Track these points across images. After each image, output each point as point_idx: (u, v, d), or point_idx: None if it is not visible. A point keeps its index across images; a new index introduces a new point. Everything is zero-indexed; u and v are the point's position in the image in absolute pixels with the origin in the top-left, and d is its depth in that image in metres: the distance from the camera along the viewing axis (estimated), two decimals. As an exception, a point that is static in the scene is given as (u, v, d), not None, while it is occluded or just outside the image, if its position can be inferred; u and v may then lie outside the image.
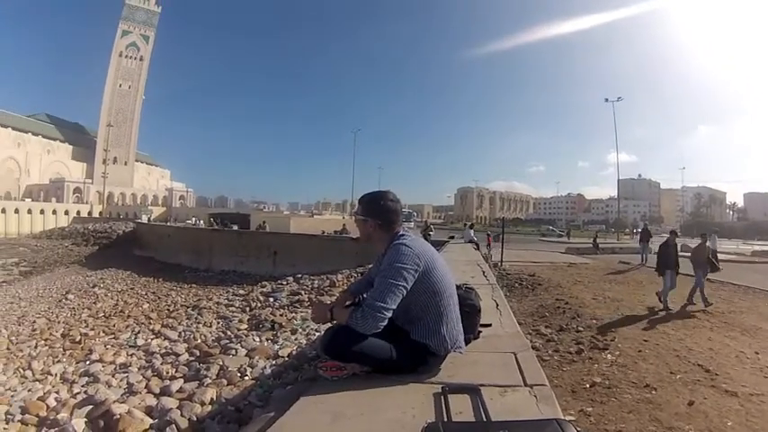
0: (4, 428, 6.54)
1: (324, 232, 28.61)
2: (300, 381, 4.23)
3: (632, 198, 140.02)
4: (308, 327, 9.25)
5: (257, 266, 23.67)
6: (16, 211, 68.08)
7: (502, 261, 16.84)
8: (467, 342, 2.72)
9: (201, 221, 46.90)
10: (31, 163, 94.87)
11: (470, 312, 2.93)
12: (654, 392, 4.59)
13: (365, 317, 2.32)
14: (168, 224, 45.87)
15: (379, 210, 2.66)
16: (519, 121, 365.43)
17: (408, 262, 2.39)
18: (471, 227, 24.11)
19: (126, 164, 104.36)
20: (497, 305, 4.76)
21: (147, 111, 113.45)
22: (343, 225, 34.20)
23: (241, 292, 16.88)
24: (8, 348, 12.06)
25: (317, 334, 8.25)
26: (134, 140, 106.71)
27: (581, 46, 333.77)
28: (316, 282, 16.13)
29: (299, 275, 17.80)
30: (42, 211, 69.72)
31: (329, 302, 3.08)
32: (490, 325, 3.52)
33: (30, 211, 68.83)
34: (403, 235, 2.62)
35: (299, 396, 2.40)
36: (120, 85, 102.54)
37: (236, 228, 34.37)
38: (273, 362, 7.04)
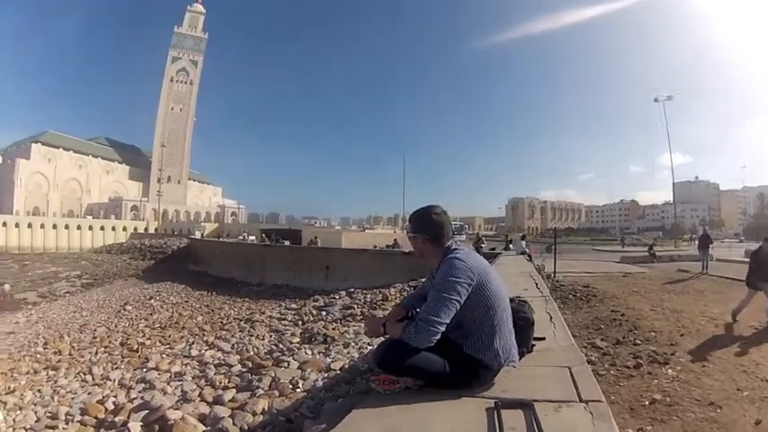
0: (64, 428, 6.84)
1: (375, 246, 28.69)
2: (353, 394, 4.22)
3: (689, 202, 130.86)
4: (360, 340, 9.25)
5: (310, 281, 23.92)
6: (78, 227, 73.48)
7: (555, 272, 16.38)
8: (520, 356, 2.71)
9: (253, 237, 48.07)
10: (92, 183, 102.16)
11: (524, 326, 2.93)
12: (719, 411, 4.26)
13: (418, 331, 2.33)
14: (221, 240, 47.25)
15: (426, 224, 2.68)
16: (565, 126, 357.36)
17: (462, 276, 2.39)
18: (523, 238, 23.64)
19: (179, 182, 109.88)
20: (551, 318, 4.70)
21: (199, 131, 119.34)
22: (395, 239, 33.92)
23: (294, 305, 17.04)
24: (70, 354, 12.77)
25: (370, 348, 8.21)
26: (186, 160, 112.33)
27: (626, 43, 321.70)
28: (368, 296, 16.13)
29: (352, 290, 17.84)
30: (102, 228, 74.36)
31: (382, 316, 3.17)
32: (544, 338, 3.48)
33: (91, 228, 73.90)
34: (456, 249, 2.62)
35: (351, 409, 2.44)
36: (172, 108, 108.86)
37: (288, 243, 35.03)
38: (325, 375, 7.05)
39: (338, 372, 7.04)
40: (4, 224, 68.94)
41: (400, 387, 2.47)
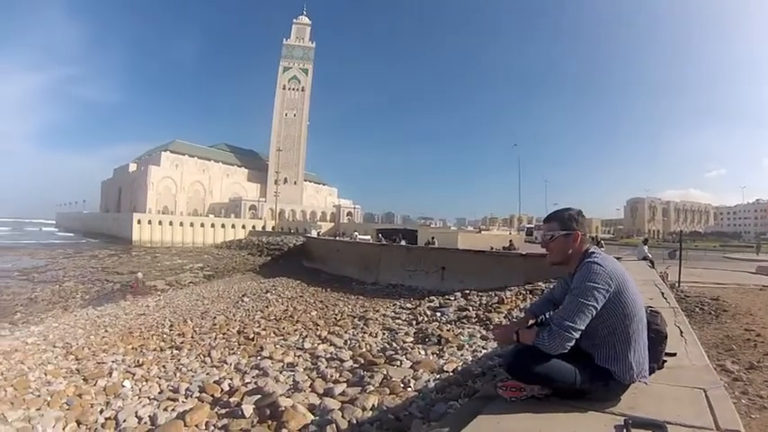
0: (183, 402, 7.31)
1: (492, 248, 28.19)
2: (476, 398, 4.05)
3: None
4: (474, 343, 9.00)
5: (425, 281, 23.94)
6: (202, 225, 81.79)
7: (679, 281, 14.90)
8: (650, 372, 2.61)
9: (368, 236, 49.20)
10: (214, 185, 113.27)
11: (655, 339, 2.79)
12: None
13: (552, 336, 2.35)
14: (337, 239, 48.84)
15: (581, 222, 2.70)
16: (689, 119, 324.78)
17: (600, 281, 2.36)
18: (645, 242, 22.71)
19: (295, 183, 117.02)
20: (681, 332, 4.48)
21: (314, 134, 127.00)
22: (510, 241, 33.59)
23: (408, 305, 17.07)
24: (192, 337, 13.75)
25: (484, 351, 8.00)
26: (302, 162, 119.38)
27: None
28: (484, 298, 15.74)
29: (467, 291, 17.55)
30: (223, 225, 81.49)
31: (515, 322, 3.24)
32: (675, 354, 3.32)
33: (213, 225, 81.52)
34: (594, 252, 2.59)
35: (476, 413, 2.45)
36: (286, 114, 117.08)
37: (404, 243, 35.35)
38: (438, 376, 6.91)
39: (450, 374, 6.89)
40: (139, 221, 79.12)
41: (526, 395, 2.46)
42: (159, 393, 8.15)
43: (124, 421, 6.76)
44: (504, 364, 2.75)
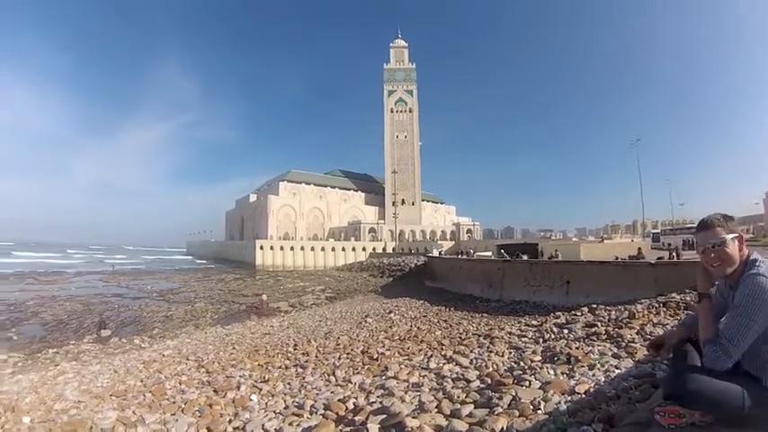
0: (308, 418, 7.48)
1: (617, 258, 26.92)
2: (628, 425, 3.78)
3: None
4: (606, 362, 8.45)
5: (549, 296, 23.26)
6: (322, 249, 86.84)
7: None
8: None
9: (489, 252, 48.52)
10: (332, 210, 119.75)
11: None
12: None
13: (711, 356, 2.24)
14: (458, 257, 48.60)
15: (734, 223, 2.53)
16: None
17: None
18: None
19: (413, 204, 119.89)
20: None
21: (427, 153, 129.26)
22: (639, 249, 32.08)
23: (533, 322, 16.46)
24: (316, 356, 14.16)
25: (617, 371, 7.49)
26: (417, 182, 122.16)
27: None
28: (612, 313, 14.71)
29: (594, 306, 16.58)
30: (343, 249, 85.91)
31: (669, 334, 2.98)
32: None
33: (333, 249, 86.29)
34: (756, 261, 2.39)
35: None
36: (397, 137, 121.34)
37: (525, 257, 34.46)
38: (569, 398, 6.53)
39: (582, 395, 6.49)
40: (262, 247, 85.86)
41: (685, 422, 2.31)
42: (285, 408, 8.44)
43: (252, 432, 7.10)
44: (663, 386, 2.64)
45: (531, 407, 6.21)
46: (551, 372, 8.32)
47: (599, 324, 13.36)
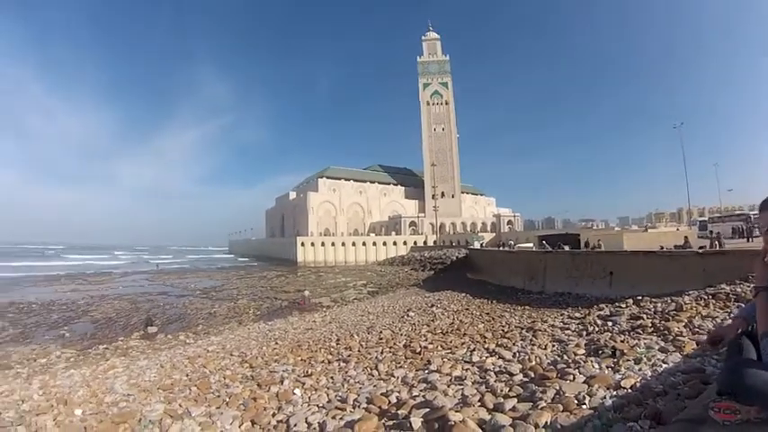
0: (351, 411, 7.46)
1: (662, 247, 26.02)
2: (680, 420, 3.67)
3: None
4: (653, 357, 8.20)
5: (592, 288, 22.69)
6: (363, 244, 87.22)
7: None
8: None
9: (531, 244, 48.00)
10: (372, 205, 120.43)
11: None
12: None
13: (766, 350, 2.21)
14: (499, 249, 48.19)
15: None
16: None
17: None
18: None
19: (453, 196, 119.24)
20: None
21: (465, 145, 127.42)
22: (685, 237, 31.14)
23: (576, 314, 16.12)
24: (359, 351, 14.23)
25: (664, 366, 7.28)
26: (457, 175, 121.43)
27: None
28: (658, 305, 14.19)
29: (639, 297, 16.07)
30: (384, 243, 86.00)
31: (727, 326, 2.85)
32: None
33: (374, 244, 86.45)
34: None
35: None
36: (435, 129, 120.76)
37: (567, 248, 33.87)
38: (614, 392, 6.36)
39: (629, 390, 6.31)
40: (303, 244, 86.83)
41: (741, 419, 2.20)
42: (328, 402, 8.53)
43: (295, 425, 7.16)
44: (719, 380, 2.57)
45: (576, 401, 6.10)
46: (596, 366, 8.16)
47: (644, 316, 12.99)
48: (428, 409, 6.71)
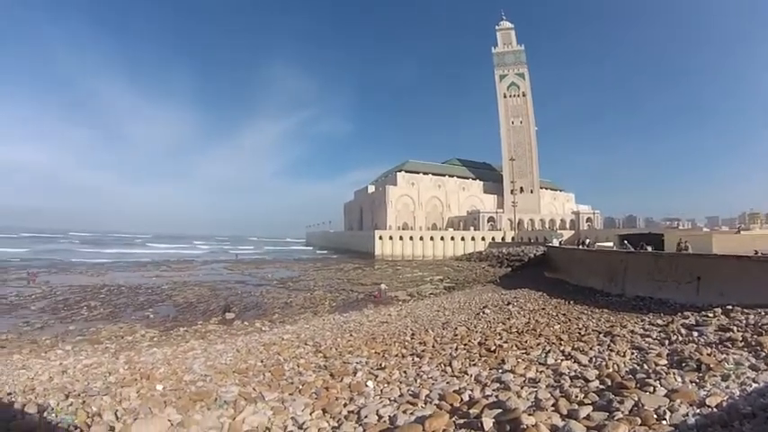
0: (422, 407, 7.43)
1: (757, 252, 23.71)
2: None
3: None
4: (742, 374, 7.58)
5: (676, 293, 21.22)
6: (441, 238, 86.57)
7: None
8: None
9: (611, 243, 46.18)
10: (450, 199, 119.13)
11: None
12: None
13: None
14: (578, 247, 46.66)
15: None
16: None
17: None
18: None
19: (531, 192, 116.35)
20: None
21: (544, 138, 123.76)
22: None
23: (659, 321, 15.15)
24: (433, 346, 14.18)
25: (755, 385, 6.74)
26: (535, 169, 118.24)
27: None
28: (751, 317, 13.01)
29: (729, 306, 14.83)
30: (462, 238, 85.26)
31: None
32: None
33: (452, 238, 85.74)
34: None
35: None
36: (513, 122, 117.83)
37: (650, 249, 32.12)
38: (697, 410, 5.96)
39: (713, 409, 5.88)
40: (381, 237, 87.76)
41: None
42: (399, 396, 8.55)
43: (366, 417, 7.22)
44: None
45: (655, 416, 5.80)
46: (678, 379, 7.72)
47: (734, 328, 12.07)
48: (500, 410, 6.59)
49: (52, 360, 15.23)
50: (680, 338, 11.92)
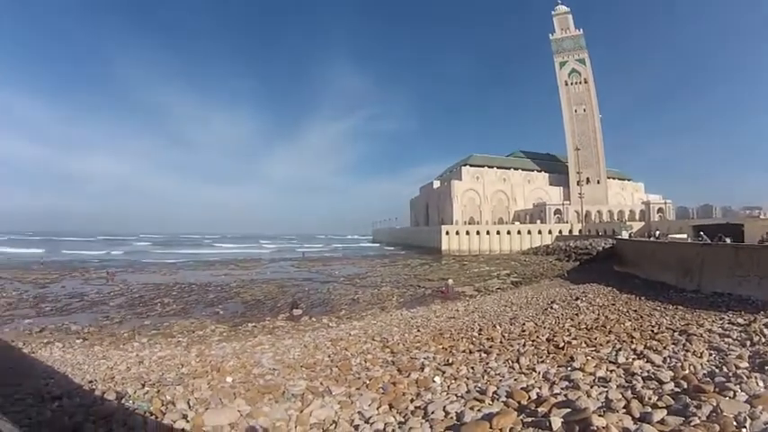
0: (489, 404, 7.40)
1: None
2: None
3: None
4: (833, 382, 6.99)
5: (759, 290, 19.55)
6: (508, 232, 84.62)
7: None
8: None
9: (684, 234, 43.92)
10: (516, 192, 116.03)
11: None
12: None
13: None
14: (649, 240, 44.66)
15: None
16: None
17: None
18: None
19: (598, 182, 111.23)
20: None
21: (610, 126, 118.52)
22: None
23: (739, 320, 14.20)
24: (501, 342, 13.99)
25: None
26: (601, 159, 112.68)
27: None
28: None
29: None
30: (529, 232, 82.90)
31: None
32: None
33: (519, 232, 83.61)
34: None
35: None
36: (576, 111, 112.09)
37: (729, 241, 30.16)
38: None
39: (801, 420, 5.48)
40: (447, 233, 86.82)
41: None
42: (466, 392, 8.50)
43: (432, 413, 7.24)
44: None
45: (735, 423, 5.48)
46: (760, 383, 7.25)
47: (827, 331, 11.18)
48: (569, 410, 6.46)
49: (129, 352, 16.28)
50: (763, 339, 11.18)
